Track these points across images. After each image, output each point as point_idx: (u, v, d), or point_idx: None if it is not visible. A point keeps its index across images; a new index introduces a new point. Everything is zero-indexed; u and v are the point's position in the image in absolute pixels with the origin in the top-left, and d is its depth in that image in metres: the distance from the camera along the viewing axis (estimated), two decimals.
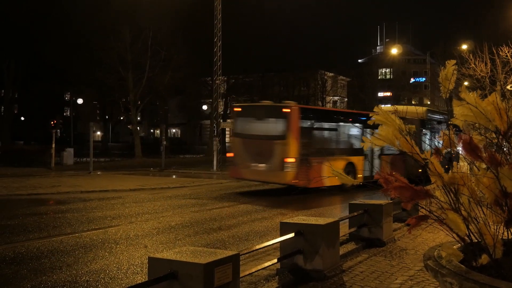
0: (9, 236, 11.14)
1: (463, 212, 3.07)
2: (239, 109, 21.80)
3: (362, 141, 3.60)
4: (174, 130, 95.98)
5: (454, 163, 3.25)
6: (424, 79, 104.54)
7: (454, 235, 3.17)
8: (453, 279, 2.87)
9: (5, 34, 48.84)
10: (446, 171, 3.19)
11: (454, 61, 3.25)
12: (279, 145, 19.16)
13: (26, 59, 53.61)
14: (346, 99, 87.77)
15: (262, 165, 19.50)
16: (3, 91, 58.08)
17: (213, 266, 4.89)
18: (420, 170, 3.50)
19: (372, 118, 3.35)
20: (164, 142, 37.54)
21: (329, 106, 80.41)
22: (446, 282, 2.91)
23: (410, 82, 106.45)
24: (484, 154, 3.03)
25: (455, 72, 3.28)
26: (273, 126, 19.87)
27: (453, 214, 3.00)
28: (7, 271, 8.14)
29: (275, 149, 19.19)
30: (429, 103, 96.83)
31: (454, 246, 3.15)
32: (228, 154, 22.51)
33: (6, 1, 48.60)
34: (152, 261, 5.11)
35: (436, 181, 3.10)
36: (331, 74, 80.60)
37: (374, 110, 3.21)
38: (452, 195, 3.12)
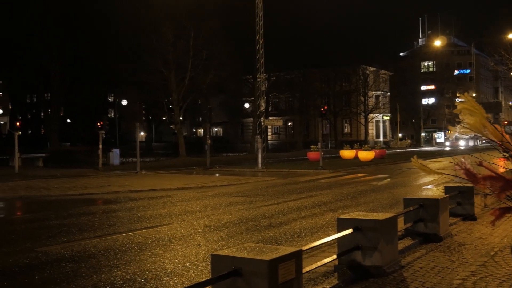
0: (66, 235, 11.37)
1: None
2: None
3: None
4: (216, 129, 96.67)
5: None
6: (469, 70, 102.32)
7: None
8: None
9: (51, 38, 50.10)
10: None
11: None
12: None
13: (71, 62, 54.86)
14: (388, 94, 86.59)
15: None
16: (49, 94, 59.52)
17: (277, 262, 4.84)
18: None
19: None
20: (209, 141, 37.82)
21: (371, 101, 79.60)
22: None
23: (454, 74, 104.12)
24: None
25: None
26: None
27: None
28: (67, 270, 8.29)
29: None
30: (474, 95, 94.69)
31: None
32: None
33: (49, 4, 49.85)
34: (215, 258, 5.09)
35: None
36: (372, 69, 79.69)
37: (461, 98, 3.10)
38: None
